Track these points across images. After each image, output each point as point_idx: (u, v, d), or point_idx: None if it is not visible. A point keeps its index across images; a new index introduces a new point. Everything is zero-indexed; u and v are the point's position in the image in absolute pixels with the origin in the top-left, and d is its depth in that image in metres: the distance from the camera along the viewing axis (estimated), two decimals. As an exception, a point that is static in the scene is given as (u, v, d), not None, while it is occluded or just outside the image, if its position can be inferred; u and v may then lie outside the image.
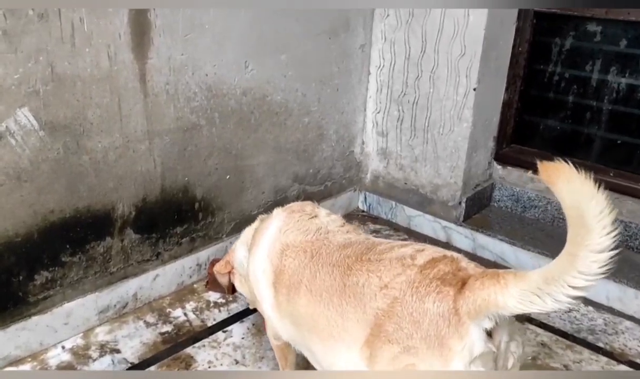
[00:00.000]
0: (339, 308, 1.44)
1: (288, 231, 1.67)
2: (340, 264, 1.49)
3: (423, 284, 1.30)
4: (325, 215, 1.74)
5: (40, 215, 1.91)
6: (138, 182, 2.19)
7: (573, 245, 1.06)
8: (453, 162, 2.98)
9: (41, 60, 1.76)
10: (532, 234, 2.94)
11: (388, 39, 3.05)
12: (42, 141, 1.84)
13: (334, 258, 1.52)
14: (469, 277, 1.26)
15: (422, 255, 1.38)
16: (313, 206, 1.80)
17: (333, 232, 1.64)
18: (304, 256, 1.58)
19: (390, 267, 1.38)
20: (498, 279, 1.19)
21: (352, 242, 1.56)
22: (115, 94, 2.00)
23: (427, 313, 1.26)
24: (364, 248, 1.51)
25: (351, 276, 1.44)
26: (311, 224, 1.67)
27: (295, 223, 1.68)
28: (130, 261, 2.27)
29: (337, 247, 1.55)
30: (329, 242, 1.59)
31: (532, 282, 1.12)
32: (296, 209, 1.76)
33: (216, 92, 2.36)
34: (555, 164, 1.10)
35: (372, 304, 1.36)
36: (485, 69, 2.79)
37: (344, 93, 3.06)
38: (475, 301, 1.20)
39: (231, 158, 2.53)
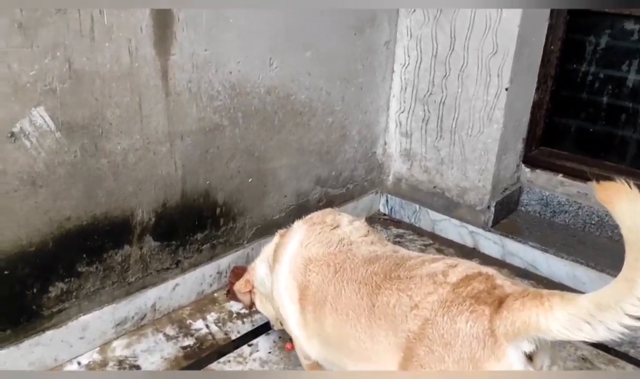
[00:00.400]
0: (368, 330, 1.37)
1: (310, 244, 1.59)
2: (368, 282, 1.41)
3: (455, 303, 1.22)
4: (348, 223, 1.66)
5: (55, 222, 1.78)
6: (158, 186, 2.05)
7: (632, 270, 0.98)
8: (482, 164, 2.84)
9: (58, 55, 1.62)
10: (564, 240, 2.81)
11: (414, 36, 2.91)
12: (58, 142, 1.70)
13: (360, 274, 1.44)
14: (506, 296, 1.18)
15: (455, 272, 1.30)
16: (334, 215, 1.70)
17: (357, 243, 1.57)
18: (327, 270, 1.51)
19: (421, 285, 1.30)
20: (542, 301, 1.10)
21: (379, 257, 1.48)
22: (135, 93, 1.86)
23: (459, 334, 1.18)
24: (393, 264, 1.42)
25: (380, 295, 1.36)
26: (333, 235, 1.60)
27: (316, 236, 1.61)
28: (149, 270, 2.13)
29: (363, 262, 1.47)
30: (352, 255, 1.51)
31: (583, 307, 1.03)
32: (317, 221, 1.67)
33: (240, 90, 2.22)
34: (614, 184, 1.02)
35: (403, 326, 1.28)
36: (517, 68, 2.66)
37: (368, 92, 2.92)
38: (514, 323, 1.12)
39: (254, 161, 2.39)
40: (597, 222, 2.85)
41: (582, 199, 2.88)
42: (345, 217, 1.71)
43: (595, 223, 2.86)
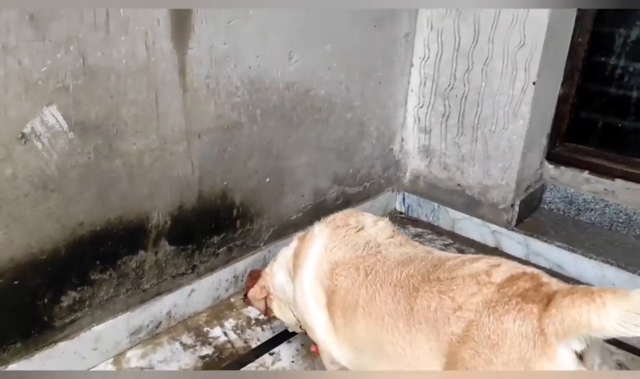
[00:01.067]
0: (407, 335, 1.30)
1: (335, 247, 1.53)
2: (404, 285, 1.34)
3: (501, 303, 1.16)
4: (372, 224, 1.59)
5: (68, 229, 1.66)
6: (175, 188, 1.94)
7: None
8: (506, 162, 2.73)
9: (72, 50, 1.50)
10: (591, 239, 2.71)
11: (435, 28, 2.79)
12: (71, 143, 1.59)
13: (394, 277, 1.37)
14: (554, 294, 1.12)
15: (499, 271, 1.23)
16: (357, 216, 1.62)
17: (385, 245, 1.50)
18: (357, 274, 1.45)
19: (464, 286, 1.24)
20: (593, 297, 1.04)
21: (413, 258, 1.41)
22: (152, 89, 1.75)
23: (507, 333, 1.12)
24: (430, 266, 1.35)
25: (419, 298, 1.29)
26: (359, 238, 1.53)
27: (341, 239, 1.54)
28: (165, 276, 2.02)
29: (396, 264, 1.40)
30: (383, 258, 1.45)
31: (638, 302, 0.99)
32: (340, 223, 1.60)
33: (259, 86, 2.10)
34: None
35: (445, 329, 1.22)
36: (545, 61, 2.54)
37: (387, 86, 2.81)
38: (564, 321, 1.07)
39: (272, 159, 2.28)
40: (624, 221, 2.75)
41: (609, 196, 2.78)
42: (369, 217, 1.63)
43: (623, 221, 2.75)
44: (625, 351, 2.16)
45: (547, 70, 2.60)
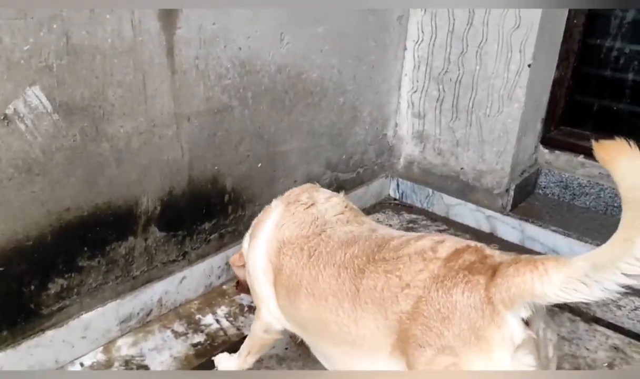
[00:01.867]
0: (352, 314, 1.31)
1: (284, 225, 1.53)
2: (348, 266, 1.35)
3: (449, 276, 1.18)
4: (324, 200, 1.58)
5: (54, 214, 1.62)
6: (164, 172, 1.89)
7: (630, 230, 0.97)
8: (501, 146, 2.71)
9: (55, 28, 1.45)
10: (586, 224, 2.69)
11: (429, 10, 2.75)
12: (55, 126, 1.54)
13: (338, 258, 1.38)
14: (499, 264, 1.15)
15: (444, 247, 1.25)
16: (311, 191, 1.61)
17: (331, 223, 1.49)
18: (301, 254, 1.45)
19: (411, 264, 1.25)
20: (536, 265, 1.07)
21: (357, 238, 1.41)
22: (139, 70, 1.70)
23: (456, 306, 1.15)
24: (375, 246, 1.36)
25: (365, 279, 1.30)
26: (307, 215, 1.53)
27: (290, 216, 1.54)
28: (155, 263, 1.99)
29: (340, 245, 1.40)
30: (327, 237, 1.45)
31: (578, 268, 1.02)
32: (292, 199, 1.60)
33: (250, 68, 2.06)
34: (614, 142, 1.01)
35: (394, 308, 1.23)
36: (540, 43, 2.51)
37: (380, 70, 2.76)
38: (510, 289, 1.09)
39: (263, 144, 2.24)
40: (619, 205, 2.71)
41: (604, 180, 2.76)
42: (323, 193, 1.61)
43: (618, 205, 2.71)
44: (621, 335, 2.16)
45: (542, 53, 2.57)
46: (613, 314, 2.27)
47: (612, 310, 2.29)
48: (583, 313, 2.25)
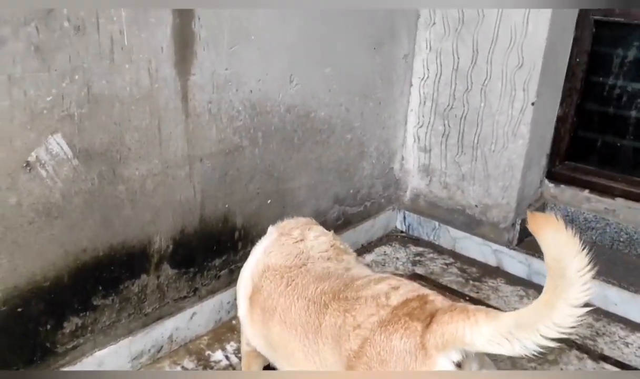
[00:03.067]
0: (315, 346, 1.42)
1: (272, 253, 1.66)
2: (317, 301, 1.46)
3: (392, 322, 1.28)
4: (314, 238, 1.70)
5: (71, 255, 1.67)
6: (177, 212, 1.95)
7: (551, 295, 1.06)
8: (506, 181, 2.75)
9: (77, 79, 1.52)
10: (592, 259, 2.70)
11: (434, 49, 2.82)
12: (75, 170, 1.60)
13: (310, 292, 1.48)
14: (436, 311, 1.25)
15: (397, 294, 1.35)
16: (304, 229, 1.74)
17: (313, 258, 1.62)
18: (280, 281, 1.56)
19: (365, 306, 1.35)
20: (468, 315, 1.17)
21: (331, 274, 1.53)
22: (155, 115, 1.76)
23: (393, 350, 1.24)
24: (342, 284, 1.47)
25: (327, 315, 1.41)
26: (294, 248, 1.65)
27: (280, 246, 1.67)
28: (166, 300, 2.03)
29: (314, 279, 1.52)
30: (306, 271, 1.56)
31: (504, 325, 1.11)
32: (285, 231, 1.73)
33: (260, 109, 2.12)
34: (543, 215, 1.12)
35: (346, 345, 1.33)
36: (543, 81, 2.57)
37: (386, 107, 2.83)
38: (443, 335, 1.19)
39: (273, 181, 2.29)
40: (625, 240, 2.75)
41: (610, 215, 2.79)
42: (314, 231, 1.73)
43: (624, 241, 2.76)
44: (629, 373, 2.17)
45: (545, 91, 2.63)
46: (620, 351, 2.28)
47: (620, 347, 2.30)
48: (591, 350, 2.26)
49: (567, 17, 2.59)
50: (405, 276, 2.74)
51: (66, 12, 1.44)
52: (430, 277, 2.77)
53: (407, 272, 2.80)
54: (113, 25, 1.55)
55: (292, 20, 2.12)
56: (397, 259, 2.93)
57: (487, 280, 2.76)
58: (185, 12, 1.73)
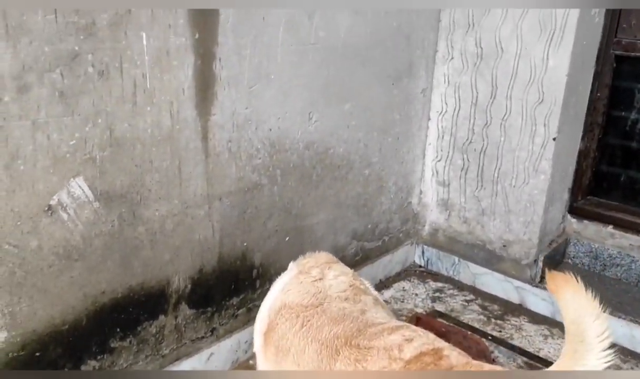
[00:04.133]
0: None
1: (290, 290, 1.63)
2: (329, 345, 1.42)
3: None
4: (333, 277, 1.67)
5: (90, 298, 1.65)
6: (195, 252, 1.93)
7: (570, 360, 1.04)
8: (527, 216, 2.70)
9: (100, 122, 1.53)
10: (618, 297, 2.64)
11: (452, 83, 2.81)
12: (96, 213, 1.60)
13: (324, 335, 1.45)
14: (451, 368, 1.22)
15: (410, 347, 1.32)
16: (324, 267, 1.71)
17: (330, 298, 1.58)
18: (295, 320, 1.53)
19: (377, 358, 1.32)
20: None
21: (345, 317, 1.50)
22: (175, 156, 1.76)
23: None
24: (355, 330, 1.43)
25: (339, 362, 1.37)
26: (312, 287, 1.62)
27: (298, 284, 1.64)
28: (184, 340, 2.00)
29: (328, 321, 1.48)
30: (322, 311, 1.53)
31: None
32: (304, 269, 1.71)
33: (279, 147, 2.12)
34: (562, 275, 1.11)
35: None
36: (565, 117, 2.54)
37: (405, 141, 2.81)
38: None
39: (291, 218, 2.28)
40: None
41: (635, 252, 2.72)
42: (334, 270, 1.70)
43: (650, 278, 2.69)
44: None
45: (566, 126, 2.60)
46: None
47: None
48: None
49: (588, 51, 2.57)
50: (425, 313, 2.69)
51: (91, 57, 1.45)
52: (451, 314, 2.71)
53: (427, 309, 2.75)
54: (136, 69, 1.56)
55: (310, 56, 2.12)
56: (416, 295, 2.88)
57: (509, 318, 2.70)
58: (207, 54, 1.74)
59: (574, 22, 2.36)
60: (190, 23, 1.66)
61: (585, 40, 2.47)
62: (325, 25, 2.13)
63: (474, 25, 2.67)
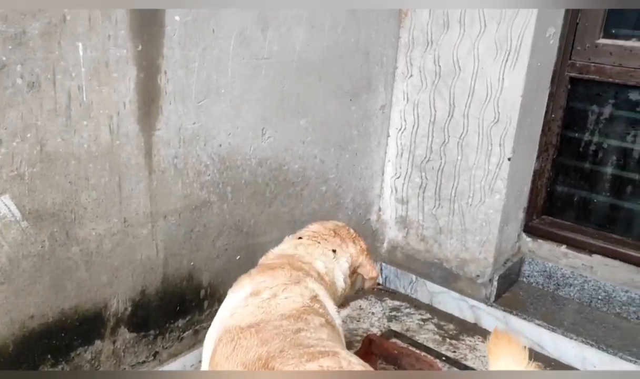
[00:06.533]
0: None
1: (234, 314, 1.46)
2: (251, 368, 1.28)
3: None
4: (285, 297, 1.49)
5: (17, 323, 1.55)
6: (137, 272, 1.84)
7: None
8: (483, 236, 2.69)
9: (29, 137, 1.43)
10: (571, 318, 2.65)
11: (411, 100, 2.79)
12: (24, 233, 1.49)
13: (249, 357, 1.30)
14: None
15: None
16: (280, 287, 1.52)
17: (271, 317, 1.41)
18: (230, 345, 1.36)
19: None
20: None
21: (276, 336, 1.34)
22: (115, 173, 1.67)
23: None
24: (278, 351, 1.29)
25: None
26: (257, 308, 1.45)
27: (244, 307, 1.47)
28: (122, 366, 1.90)
29: (258, 342, 1.33)
30: (256, 332, 1.36)
31: None
32: (256, 291, 1.52)
33: (230, 163, 2.04)
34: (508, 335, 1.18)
35: None
36: (519, 137, 2.54)
37: (363, 157, 2.77)
38: None
39: (242, 236, 2.20)
40: (604, 298, 2.70)
41: (588, 272, 2.74)
42: (290, 292, 1.52)
43: (602, 298, 2.71)
44: None
45: (522, 146, 2.60)
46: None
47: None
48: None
49: (543, 73, 2.58)
50: (381, 332, 2.65)
51: (20, 68, 1.36)
52: (407, 334, 2.67)
53: (383, 328, 2.70)
54: (71, 81, 1.47)
55: (264, 71, 2.06)
56: (372, 314, 2.83)
57: (464, 338, 2.68)
58: (150, 67, 1.66)
59: (528, 43, 2.37)
60: (132, 34, 1.58)
61: (540, 62, 2.48)
62: (280, 39, 2.08)
63: (433, 43, 2.66)
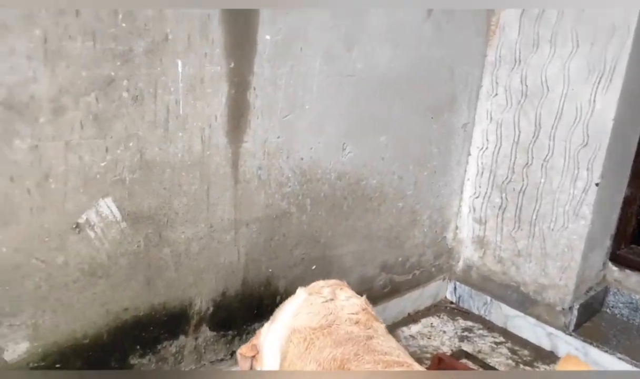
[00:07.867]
0: None
1: (299, 314, 1.56)
2: (325, 367, 1.35)
3: None
4: (345, 298, 1.61)
5: (112, 314, 1.69)
6: (219, 275, 1.95)
7: None
8: (565, 262, 2.60)
9: (131, 146, 1.57)
10: (658, 354, 2.49)
11: (494, 120, 2.75)
12: (122, 233, 1.63)
13: (323, 356, 1.38)
14: None
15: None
16: (335, 288, 1.65)
17: (340, 320, 1.51)
18: (303, 344, 1.45)
19: None
20: None
21: (349, 340, 1.42)
22: (204, 181, 1.79)
23: None
24: (353, 354, 1.36)
25: None
26: (322, 308, 1.56)
27: (308, 306, 1.57)
28: (203, 362, 2.01)
29: (332, 343, 1.42)
30: (328, 333, 1.46)
31: None
32: (315, 291, 1.64)
33: (310, 176, 2.12)
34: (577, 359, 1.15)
35: None
36: (609, 162, 2.44)
37: (442, 175, 2.76)
38: None
39: (319, 247, 2.27)
40: (697, 338, 2.52)
41: (680, 309, 2.57)
42: (345, 292, 1.65)
43: (695, 338, 2.53)
44: None
45: (611, 171, 2.49)
46: None
47: None
48: None
49: (636, 97, 2.46)
50: (452, 352, 2.61)
51: (126, 83, 1.50)
52: (478, 356, 2.62)
53: (454, 348, 2.67)
54: (170, 95, 1.60)
55: (348, 89, 2.12)
56: (443, 333, 2.81)
57: (539, 365, 2.59)
58: (241, 83, 1.77)
59: (623, 66, 2.27)
60: (226, 52, 1.69)
61: (634, 86, 2.37)
62: (365, 57, 2.13)
63: (521, 62, 2.61)
